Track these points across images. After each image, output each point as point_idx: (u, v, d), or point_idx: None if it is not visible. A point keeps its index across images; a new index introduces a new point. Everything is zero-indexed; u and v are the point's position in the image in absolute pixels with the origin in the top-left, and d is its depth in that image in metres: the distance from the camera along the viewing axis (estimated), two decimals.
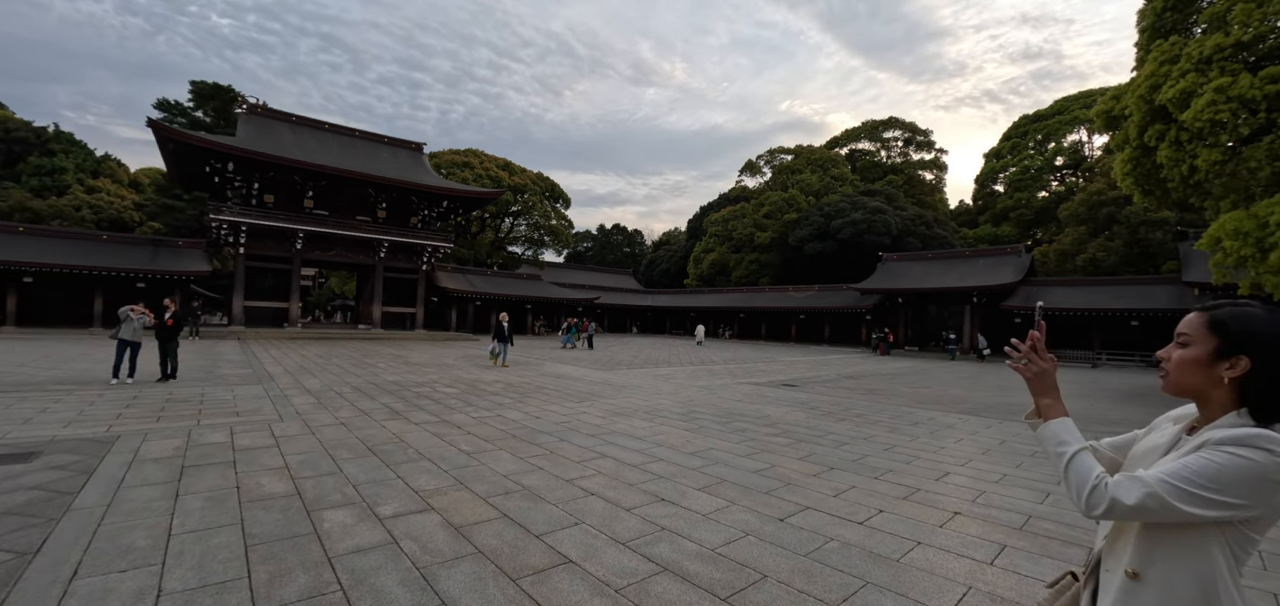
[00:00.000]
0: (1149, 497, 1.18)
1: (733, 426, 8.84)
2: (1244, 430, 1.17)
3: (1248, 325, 1.24)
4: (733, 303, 51.68)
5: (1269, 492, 1.14)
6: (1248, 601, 1.22)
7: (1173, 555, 1.24)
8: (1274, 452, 1.13)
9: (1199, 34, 15.43)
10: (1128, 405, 14.17)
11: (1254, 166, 12.46)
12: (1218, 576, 1.20)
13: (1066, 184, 56.12)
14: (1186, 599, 1.21)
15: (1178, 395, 1.34)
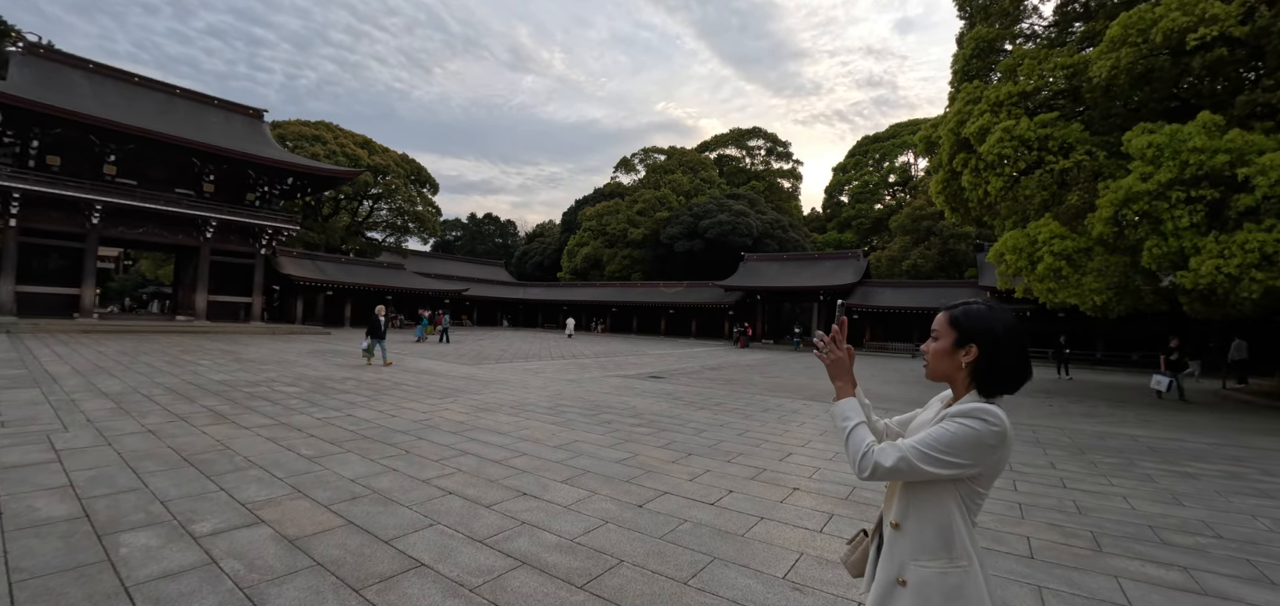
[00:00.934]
0: (901, 460, 1.45)
1: (599, 418, 8.99)
2: (970, 404, 1.47)
3: (975, 320, 1.54)
4: (605, 297, 52.35)
5: (985, 454, 1.44)
6: (975, 542, 1.52)
7: (922, 508, 1.53)
8: (988, 421, 1.43)
9: (996, 81, 18.45)
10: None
11: (1028, 194, 15.17)
12: (953, 523, 1.50)
13: (897, 198, 64.17)
14: (931, 542, 1.50)
15: (935, 380, 1.64)
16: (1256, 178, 10.13)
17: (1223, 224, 10.93)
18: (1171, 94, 14.68)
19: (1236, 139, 10.73)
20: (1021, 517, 5.05)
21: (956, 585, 1.46)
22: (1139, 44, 12.61)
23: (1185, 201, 10.96)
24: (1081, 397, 15.33)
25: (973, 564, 1.48)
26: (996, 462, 1.47)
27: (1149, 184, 11.25)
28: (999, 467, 1.49)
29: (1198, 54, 12.62)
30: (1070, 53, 15.89)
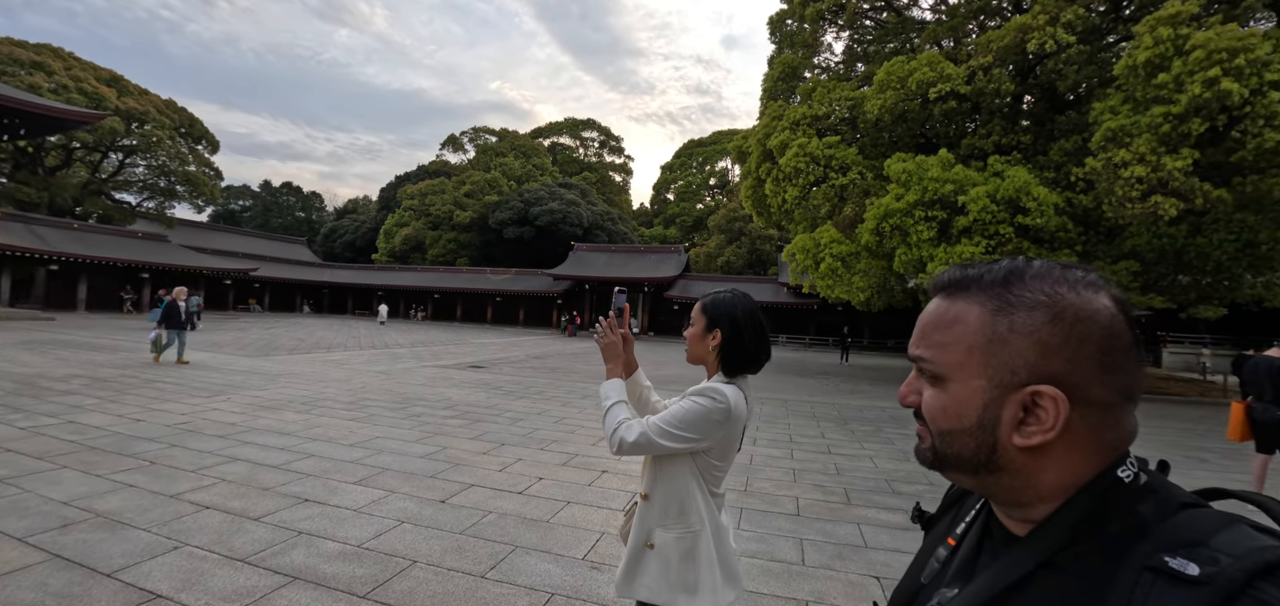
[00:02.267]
0: (641, 436, 1.56)
1: (408, 412, 8.38)
2: (703, 384, 1.62)
3: (719, 308, 1.70)
4: (428, 282, 49.04)
5: (712, 429, 1.59)
6: (713, 511, 1.68)
7: (666, 480, 1.67)
8: (715, 399, 1.58)
9: (796, 103, 20.93)
10: None
11: (816, 203, 17.55)
12: (690, 493, 1.65)
13: (716, 200, 69.80)
14: (671, 511, 1.65)
15: (693, 363, 1.77)
16: (970, 204, 12.90)
17: (949, 238, 13.72)
18: (921, 132, 18.03)
19: (959, 173, 13.55)
20: (794, 481, 5.82)
21: (690, 548, 1.62)
22: (898, 89, 15.24)
23: (925, 219, 13.56)
24: (853, 378, 18.21)
25: (705, 529, 1.63)
26: (726, 438, 1.62)
27: (901, 203, 13.70)
28: (731, 442, 1.65)
29: (938, 104, 15.66)
30: (853, 87, 18.64)
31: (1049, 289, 0.57)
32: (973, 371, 0.59)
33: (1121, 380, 0.55)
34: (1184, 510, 0.52)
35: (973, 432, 0.59)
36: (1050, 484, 0.57)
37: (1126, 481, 0.55)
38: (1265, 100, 10.09)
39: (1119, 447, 0.56)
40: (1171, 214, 10.97)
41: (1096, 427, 0.56)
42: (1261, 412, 5.48)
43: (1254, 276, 14.52)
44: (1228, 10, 12.16)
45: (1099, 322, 0.55)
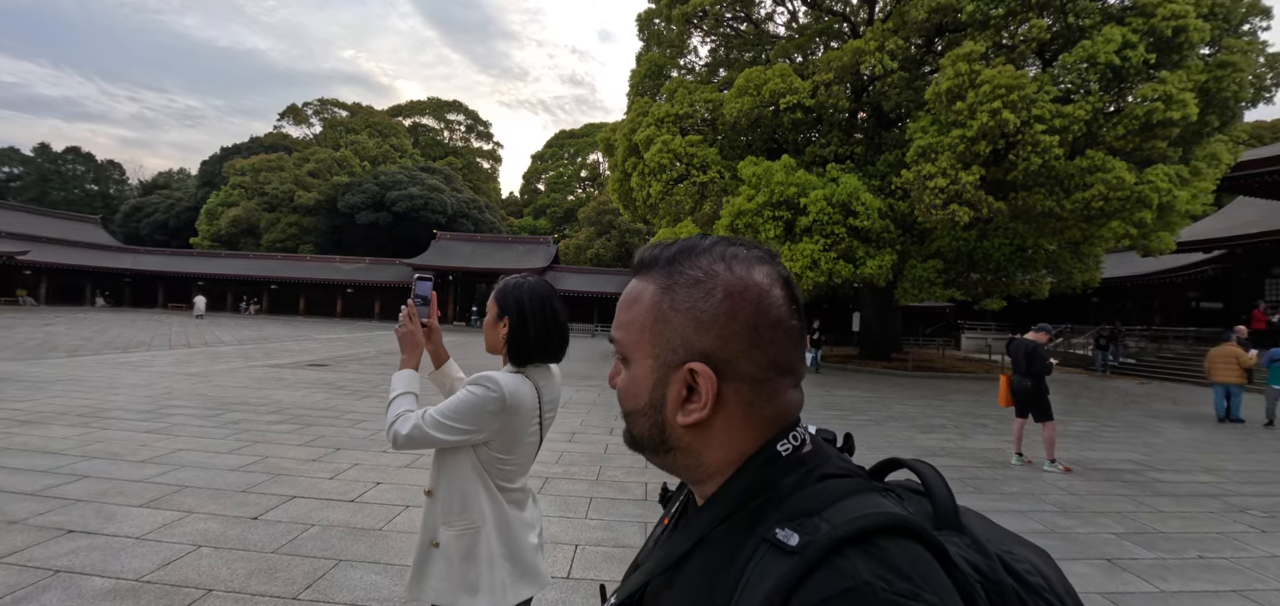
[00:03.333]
0: (414, 429, 1.48)
1: (223, 419, 7.34)
2: (479, 373, 1.56)
3: (507, 294, 1.64)
4: (263, 271, 43.52)
5: (486, 419, 1.52)
6: (500, 506, 1.61)
7: (448, 475, 1.60)
8: (488, 387, 1.51)
9: (662, 101, 21.53)
10: (604, 362, 18.69)
11: (679, 199, 18.25)
12: (472, 489, 1.58)
13: (587, 192, 69.92)
14: (454, 507, 1.58)
15: (491, 352, 1.70)
16: (810, 206, 14.19)
17: (794, 236, 14.99)
18: (773, 138, 19.45)
19: (801, 177, 14.84)
20: (645, 467, 5.98)
21: (470, 546, 1.56)
22: (754, 96, 16.30)
23: (772, 218, 14.68)
24: None
25: (486, 525, 1.57)
26: (506, 429, 1.56)
27: (752, 203, 14.70)
28: (513, 434, 1.58)
29: (787, 113, 17.00)
30: (714, 91, 19.57)
31: (707, 265, 0.57)
32: (645, 350, 0.59)
33: (772, 354, 0.55)
34: (824, 480, 0.53)
35: (646, 413, 0.59)
36: (715, 460, 0.57)
37: (784, 455, 0.55)
38: (1032, 131, 12.27)
39: (780, 422, 0.57)
40: (964, 220, 12.95)
41: (753, 402, 0.56)
42: (1016, 384, 6.67)
43: (1022, 274, 17.68)
44: (1008, 53, 14.59)
45: (748, 298, 0.55)
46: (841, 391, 13.21)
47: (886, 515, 0.47)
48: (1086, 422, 10.11)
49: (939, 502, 0.54)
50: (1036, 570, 0.54)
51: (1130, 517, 5.08)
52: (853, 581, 0.42)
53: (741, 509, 0.54)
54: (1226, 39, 13.79)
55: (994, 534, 0.58)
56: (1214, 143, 14.30)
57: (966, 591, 0.47)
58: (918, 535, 0.47)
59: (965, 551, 0.51)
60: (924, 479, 0.57)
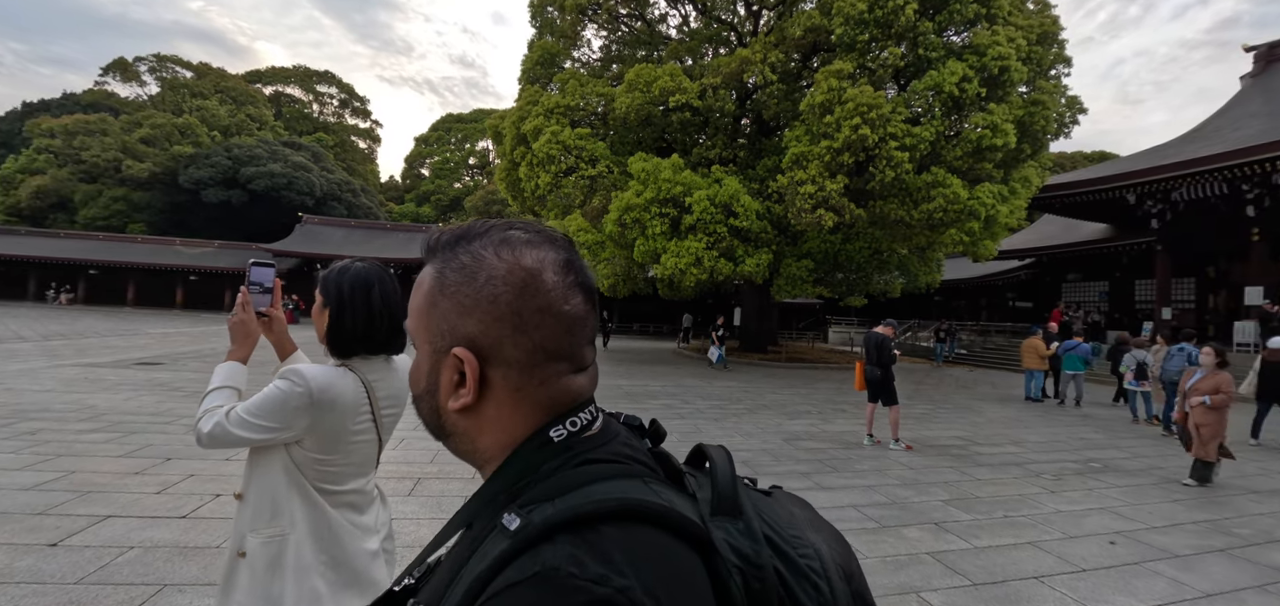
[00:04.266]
0: (217, 427, 1.36)
1: (15, 430, 6.16)
2: (285, 367, 1.46)
3: (329, 280, 1.52)
4: (78, 253, 37.05)
5: (293, 416, 1.39)
6: (319, 512, 1.46)
7: (258, 478, 1.46)
8: (293, 382, 1.39)
9: (553, 91, 21.19)
10: None
11: (568, 192, 18.11)
12: (281, 491, 1.44)
13: (475, 180, 67.29)
14: (263, 512, 1.44)
15: (322, 344, 1.57)
16: (695, 205, 14.72)
17: (679, 233, 15.47)
18: (662, 137, 19.90)
19: (687, 176, 15.35)
20: None
21: (275, 555, 1.42)
22: (644, 93, 16.56)
23: (659, 215, 15.04)
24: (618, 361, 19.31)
25: (295, 532, 1.43)
26: (320, 428, 1.42)
27: (640, 199, 14.96)
28: (332, 433, 1.44)
29: (676, 112, 17.47)
30: (606, 85, 19.62)
31: (477, 250, 0.57)
32: (422, 336, 0.59)
33: (539, 340, 0.55)
34: (584, 465, 0.53)
35: (424, 398, 0.60)
36: (489, 445, 0.58)
37: (557, 440, 0.55)
38: (887, 147, 13.65)
39: (554, 407, 0.57)
40: (830, 224, 14.12)
41: (522, 388, 0.56)
42: (868, 372, 7.42)
43: (879, 275, 19.65)
44: (870, 76, 16.09)
45: (512, 283, 0.55)
46: (720, 383, 13.88)
47: (616, 501, 0.47)
48: (926, 406, 11.48)
49: (718, 488, 0.54)
50: (816, 555, 0.55)
51: (955, 486, 5.85)
52: (542, 565, 0.42)
53: (503, 494, 0.54)
54: (1039, 81, 16.26)
55: (787, 520, 0.58)
56: (1027, 167, 16.81)
57: (722, 577, 0.48)
58: (657, 520, 0.47)
59: (734, 536, 0.51)
60: (713, 464, 0.58)
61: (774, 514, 0.57)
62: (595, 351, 0.63)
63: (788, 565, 0.52)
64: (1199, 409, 6.33)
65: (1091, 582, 3.82)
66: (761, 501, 0.59)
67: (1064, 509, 5.31)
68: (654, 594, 0.42)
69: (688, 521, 0.49)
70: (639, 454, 0.56)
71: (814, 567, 0.53)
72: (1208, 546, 4.52)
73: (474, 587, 0.44)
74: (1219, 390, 6.33)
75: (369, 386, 1.50)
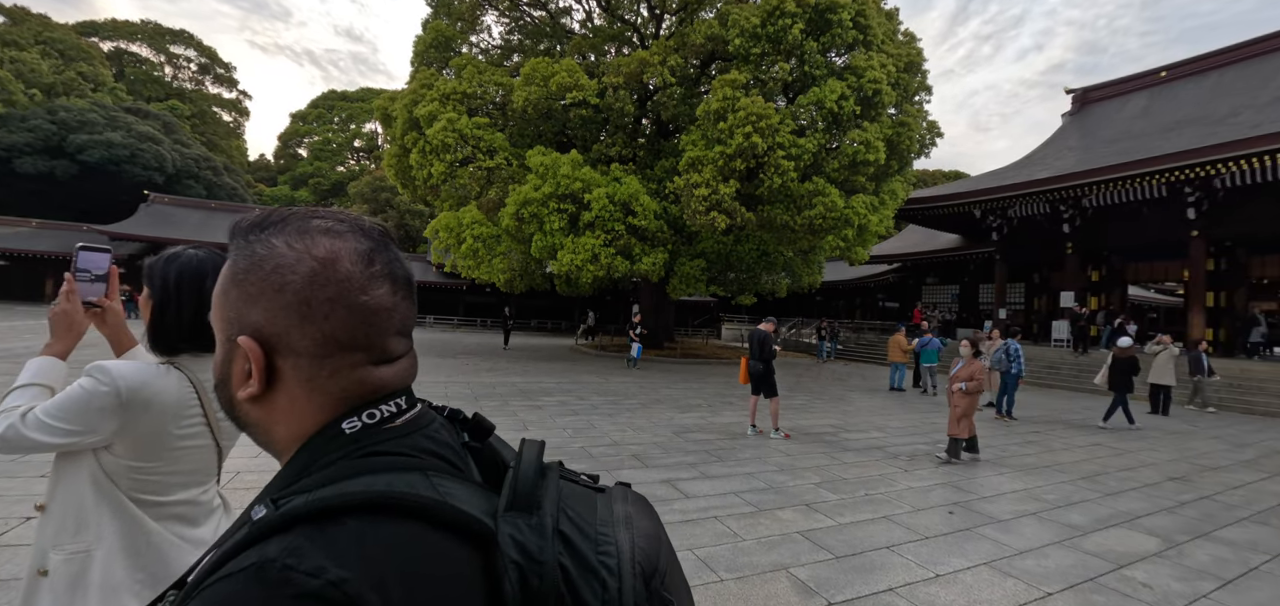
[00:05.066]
0: (10, 429, 1.21)
1: None
2: (92, 364, 1.29)
3: (154, 268, 1.38)
4: None
5: (100, 419, 1.24)
6: (136, 524, 1.31)
7: (63, 486, 1.30)
8: (99, 380, 1.24)
9: (450, 76, 20.24)
10: None
11: (463, 183, 17.46)
12: (88, 502, 1.28)
13: (361, 165, 62.75)
14: (67, 525, 1.28)
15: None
16: (593, 202, 14.77)
17: (577, 230, 15.44)
18: (563, 132, 19.72)
19: (586, 173, 15.36)
20: None
21: (79, 571, 1.27)
22: (542, 86, 16.31)
23: (557, 210, 14.93)
24: (494, 356, 18.79)
25: (102, 547, 1.29)
26: (132, 431, 1.27)
27: (538, 193, 14.76)
28: (151, 437, 1.30)
29: (574, 109, 17.39)
30: (506, 75, 19.08)
31: (268, 238, 0.56)
32: (218, 324, 0.58)
33: (329, 330, 0.54)
34: (368, 457, 0.52)
35: (221, 387, 0.59)
36: (282, 437, 0.57)
37: (348, 433, 0.54)
38: (775, 156, 14.51)
39: (349, 400, 0.55)
40: (722, 226, 14.77)
41: (313, 379, 0.55)
42: (751, 366, 7.88)
43: (767, 275, 20.85)
44: (762, 87, 16.99)
45: (299, 271, 0.54)
46: (616, 379, 14.05)
47: (362, 493, 0.47)
48: (805, 397, 12.37)
49: (516, 484, 0.54)
50: (616, 553, 0.53)
51: (825, 470, 6.36)
52: (260, 558, 0.42)
53: (289, 486, 0.53)
54: (905, 105, 18.05)
55: (603, 517, 0.56)
56: (894, 181, 18.61)
57: (497, 572, 0.48)
58: (419, 513, 0.47)
59: (522, 532, 0.50)
60: (518, 460, 0.57)
61: (585, 510, 0.56)
62: (409, 342, 0.61)
63: (577, 560, 0.51)
64: (957, 394, 7.07)
65: (932, 548, 4.33)
66: (576, 496, 0.58)
67: (915, 486, 5.96)
68: (382, 587, 0.41)
69: (461, 516, 0.48)
70: (443, 448, 0.56)
71: (607, 564, 0.52)
72: (1023, 511, 5.28)
73: (200, 576, 0.43)
74: (972, 378, 7.06)
75: (200, 386, 1.35)
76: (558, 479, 0.58)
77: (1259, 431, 10.58)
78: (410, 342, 0.62)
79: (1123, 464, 7.44)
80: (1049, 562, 4.17)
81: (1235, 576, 4.07)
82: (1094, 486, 6.28)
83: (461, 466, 0.56)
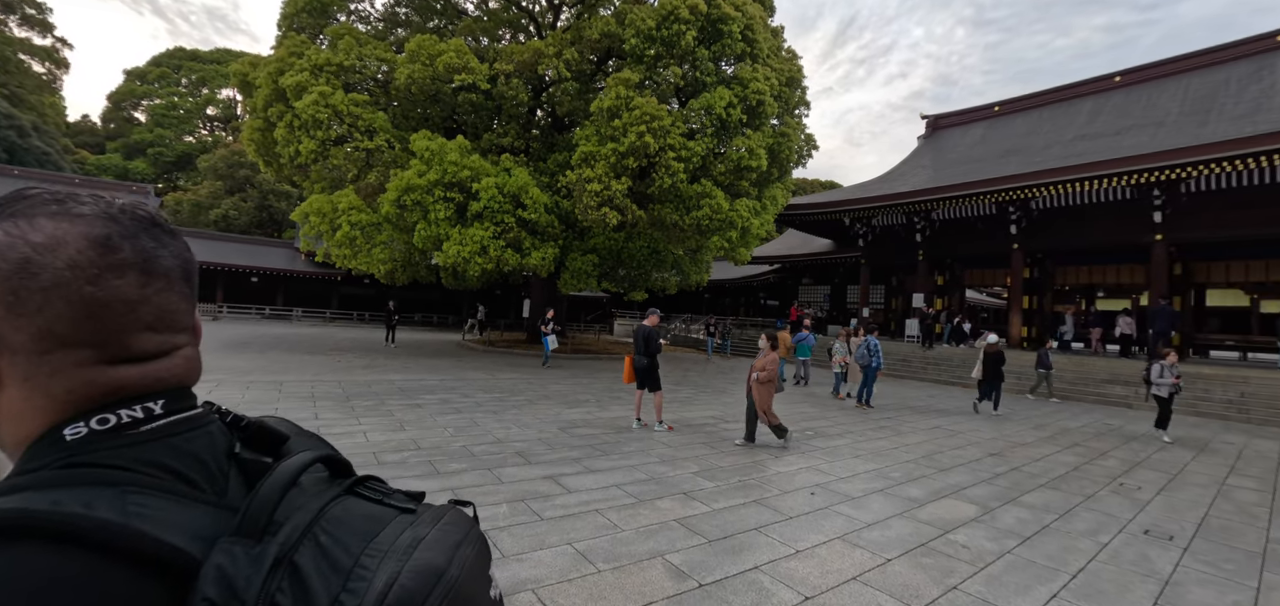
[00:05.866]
0: None
1: None
2: None
3: None
4: None
5: None
6: None
7: None
8: None
9: (325, 45, 18.51)
10: (234, 353, 15.26)
11: (338, 164, 16.09)
12: None
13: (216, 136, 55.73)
14: None
15: None
16: (482, 192, 14.28)
17: (465, 220, 14.84)
18: (451, 117, 18.83)
19: (475, 162, 14.81)
20: None
21: None
22: (428, 66, 15.46)
23: (444, 199, 14.26)
24: (374, 353, 17.54)
25: None
26: None
27: (423, 180, 14.00)
28: None
29: (462, 93, 16.68)
30: (389, 50, 17.83)
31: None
32: None
33: (43, 324, 0.49)
34: (70, 469, 0.47)
35: None
36: (10, 441, 0.52)
37: (69, 440, 0.49)
38: (666, 156, 14.89)
39: (77, 402, 0.51)
40: (613, 222, 14.92)
41: (31, 378, 0.50)
42: (636, 361, 8.06)
43: (658, 273, 21.38)
44: (656, 88, 17.35)
45: (10, 259, 0.49)
46: (505, 374, 13.72)
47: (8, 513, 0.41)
48: (690, 391, 12.85)
49: (250, 508, 0.48)
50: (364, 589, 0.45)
51: (704, 460, 6.66)
52: None
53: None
54: (786, 117, 19.30)
55: (385, 544, 0.49)
56: (775, 187, 19.86)
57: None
58: (72, 538, 0.41)
59: (235, 562, 0.44)
60: (265, 480, 0.51)
61: (353, 536, 0.50)
62: (176, 338, 0.56)
63: (301, 597, 0.44)
64: (756, 384, 7.50)
65: (795, 527, 4.69)
66: (353, 518, 0.52)
67: (783, 471, 6.42)
68: None
69: (142, 542, 0.42)
70: (185, 460, 0.51)
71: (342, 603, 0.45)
72: (873, 489, 5.88)
73: None
74: (765, 368, 7.55)
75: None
76: (333, 496, 0.52)
77: (1055, 414, 12.60)
78: (182, 339, 0.56)
79: (954, 443, 8.52)
80: (891, 532, 4.69)
81: (1032, 534, 4.83)
82: (931, 464, 7.14)
83: (207, 484, 0.50)
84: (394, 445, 6.38)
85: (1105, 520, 5.29)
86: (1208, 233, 17.07)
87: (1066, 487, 6.37)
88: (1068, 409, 13.28)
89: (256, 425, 0.58)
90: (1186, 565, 4.36)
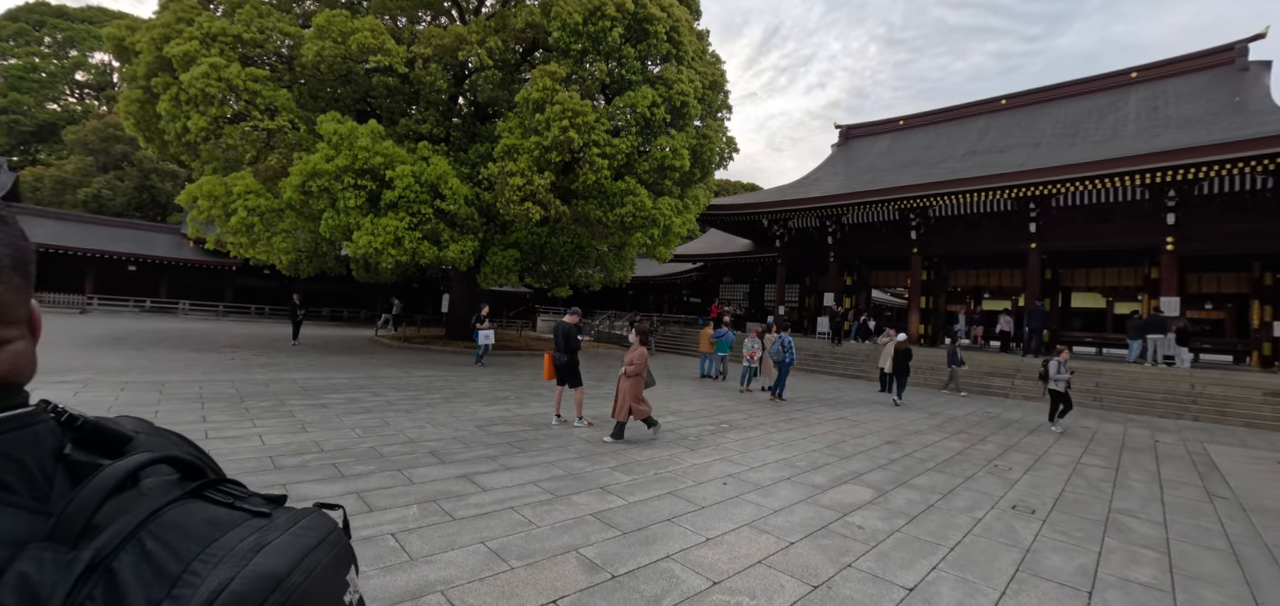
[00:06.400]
0: None
1: None
2: None
3: None
4: None
5: None
6: None
7: None
8: None
9: (218, 12, 16.91)
10: (106, 351, 13.70)
11: (233, 143, 14.78)
12: None
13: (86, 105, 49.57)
14: None
15: None
16: (397, 180, 13.64)
17: (378, 209, 14.11)
18: (364, 99, 17.80)
19: (389, 148, 14.10)
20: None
21: None
22: (339, 43, 14.53)
23: (354, 186, 13.48)
24: (273, 350, 16.30)
25: None
26: None
27: (331, 165, 13.17)
28: None
29: (377, 75, 15.82)
30: (294, 23, 16.57)
31: None
32: None
33: None
34: None
35: None
36: None
37: None
38: (590, 152, 14.85)
39: None
40: (536, 217, 14.71)
41: None
42: (556, 358, 8.02)
43: (581, 269, 21.30)
44: (582, 84, 17.23)
45: None
46: (421, 372, 13.20)
47: None
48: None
49: (66, 511, 0.46)
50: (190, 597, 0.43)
51: (622, 454, 6.74)
52: None
53: None
54: (709, 119, 19.79)
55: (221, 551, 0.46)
56: (697, 187, 20.31)
57: None
58: None
59: (40, 569, 0.42)
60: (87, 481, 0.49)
61: (187, 540, 0.47)
62: (4, 332, 0.53)
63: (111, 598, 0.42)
64: (623, 378, 7.43)
65: (707, 516, 4.86)
66: (191, 522, 0.49)
67: (698, 462, 6.61)
68: None
69: None
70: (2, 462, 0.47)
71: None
72: (780, 477, 6.19)
73: None
74: (633, 362, 7.41)
75: None
76: (172, 499, 0.49)
77: (946, 404, 13.77)
78: (12, 332, 0.53)
79: (856, 432, 9.12)
80: (795, 517, 4.96)
81: (918, 513, 5.27)
82: (834, 452, 7.60)
83: (23, 487, 0.47)
84: (294, 448, 5.98)
85: (981, 498, 5.87)
86: (1072, 242, 19.25)
87: (951, 470, 7.00)
88: (956, 399, 14.53)
89: (92, 424, 0.54)
90: (1044, 535, 4.92)
